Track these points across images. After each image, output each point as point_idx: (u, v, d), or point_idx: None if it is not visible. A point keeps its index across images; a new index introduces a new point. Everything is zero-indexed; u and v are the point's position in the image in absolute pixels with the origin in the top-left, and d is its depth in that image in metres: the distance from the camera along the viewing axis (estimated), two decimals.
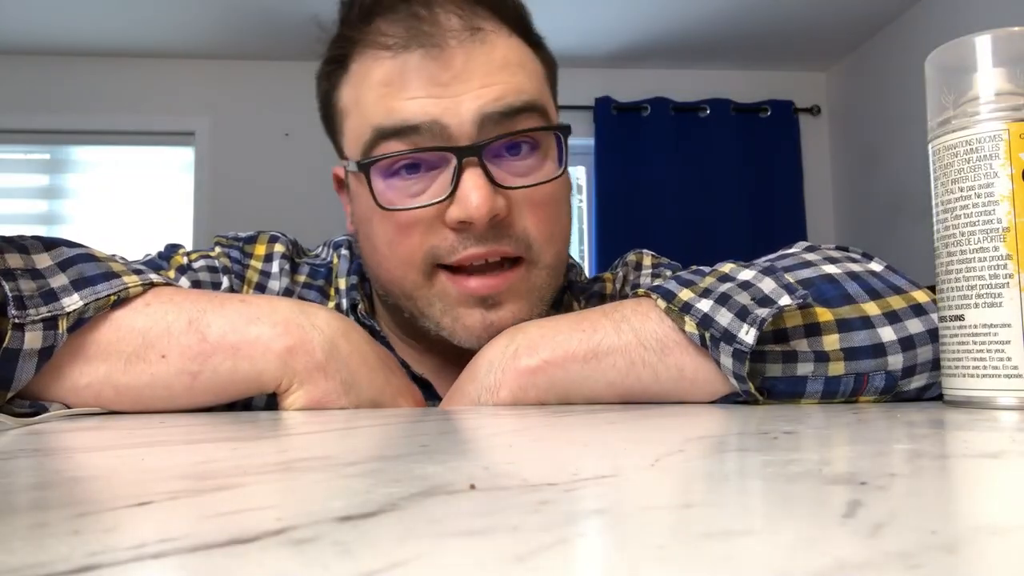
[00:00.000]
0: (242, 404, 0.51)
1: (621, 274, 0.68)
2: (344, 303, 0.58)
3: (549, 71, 0.57)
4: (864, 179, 3.07)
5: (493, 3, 0.52)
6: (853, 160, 3.15)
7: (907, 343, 0.44)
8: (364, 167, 0.51)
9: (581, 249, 3.31)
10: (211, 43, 2.88)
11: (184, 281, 0.55)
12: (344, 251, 0.61)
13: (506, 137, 0.50)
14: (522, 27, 0.55)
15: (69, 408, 0.43)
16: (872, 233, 3.02)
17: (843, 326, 0.43)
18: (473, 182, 0.48)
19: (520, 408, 0.42)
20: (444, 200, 0.49)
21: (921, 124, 0.46)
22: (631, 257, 0.69)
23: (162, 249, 0.59)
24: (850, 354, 0.43)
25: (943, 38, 0.49)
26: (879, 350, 0.43)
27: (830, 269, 0.47)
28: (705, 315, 0.43)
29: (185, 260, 0.57)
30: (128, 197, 3.10)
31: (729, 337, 0.41)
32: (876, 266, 0.51)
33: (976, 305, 0.38)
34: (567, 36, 2.88)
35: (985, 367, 0.38)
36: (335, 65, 0.55)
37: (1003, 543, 0.13)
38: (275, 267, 0.60)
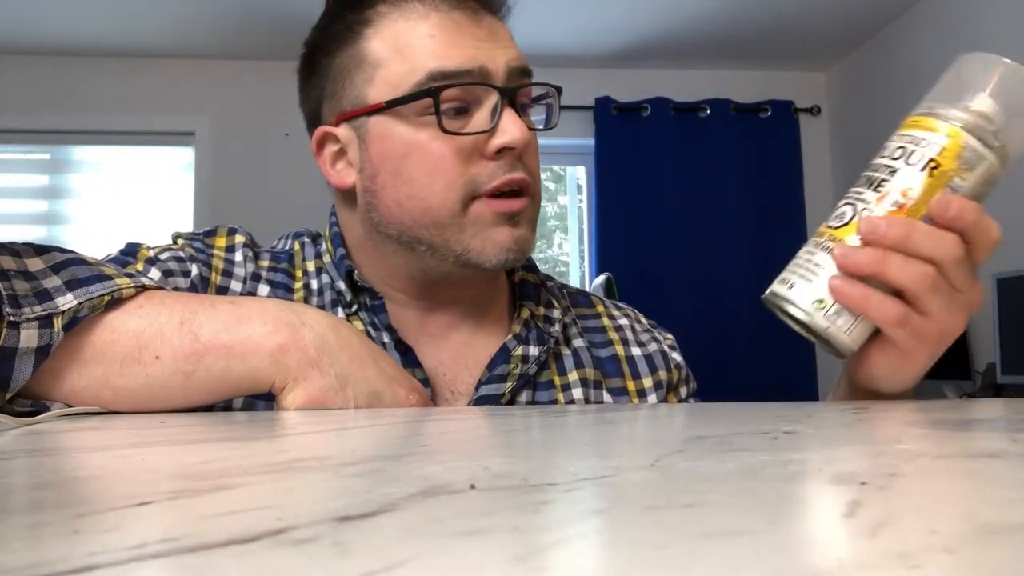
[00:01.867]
0: (244, 403, 0.52)
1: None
2: (314, 282, 0.62)
3: None
4: None
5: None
6: (853, 160, 3.15)
7: None
8: (434, 93, 0.56)
9: (581, 249, 3.31)
10: (211, 43, 2.88)
11: (154, 272, 0.56)
12: (305, 239, 0.66)
13: (534, 84, 0.60)
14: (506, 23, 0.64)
15: (69, 407, 0.43)
16: None
17: None
18: (512, 117, 0.57)
19: (520, 408, 0.42)
20: (487, 132, 0.57)
21: None
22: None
23: (122, 247, 0.60)
24: None
25: (943, 38, 0.50)
26: None
27: None
28: None
29: (151, 253, 0.58)
30: (128, 197, 3.10)
31: None
32: None
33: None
34: (567, 36, 2.88)
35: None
36: (355, 19, 0.60)
37: (1003, 543, 0.13)
38: (238, 256, 0.62)
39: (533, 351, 0.61)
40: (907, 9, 2.75)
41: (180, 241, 0.62)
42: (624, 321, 0.70)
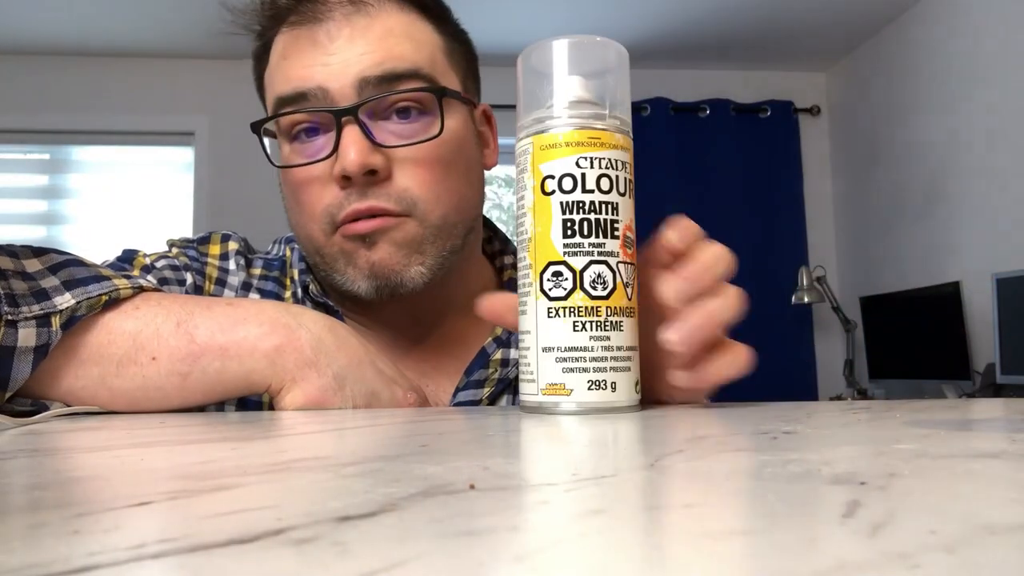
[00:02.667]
0: (239, 403, 0.52)
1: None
2: (300, 291, 0.60)
3: (454, 52, 0.60)
4: (864, 179, 3.07)
5: None
6: (853, 160, 3.15)
7: None
8: (254, 128, 0.57)
9: None
10: (211, 43, 2.88)
11: (150, 279, 0.56)
12: (295, 244, 0.63)
13: (381, 97, 0.53)
14: (419, 5, 0.57)
15: (68, 407, 0.43)
16: (871, 233, 3.03)
17: None
18: (349, 138, 0.51)
19: (520, 409, 0.42)
20: (327, 158, 0.53)
21: (921, 124, 0.46)
22: None
23: (120, 253, 0.60)
24: None
25: (943, 38, 0.49)
26: None
27: None
28: None
29: (147, 261, 0.58)
30: (128, 197, 3.10)
31: None
32: None
33: (523, 312, 0.40)
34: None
35: (524, 372, 0.40)
36: (262, 52, 0.60)
37: (1003, 543, 0.13)
38: (231, 264, 0.62)
39: (515, 354, 0.58)
40: (907, 9, 2.75)
41: (175, 249, 0.61)
42: None
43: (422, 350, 0.61)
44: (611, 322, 0.39)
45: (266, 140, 0.59)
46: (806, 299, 3.00)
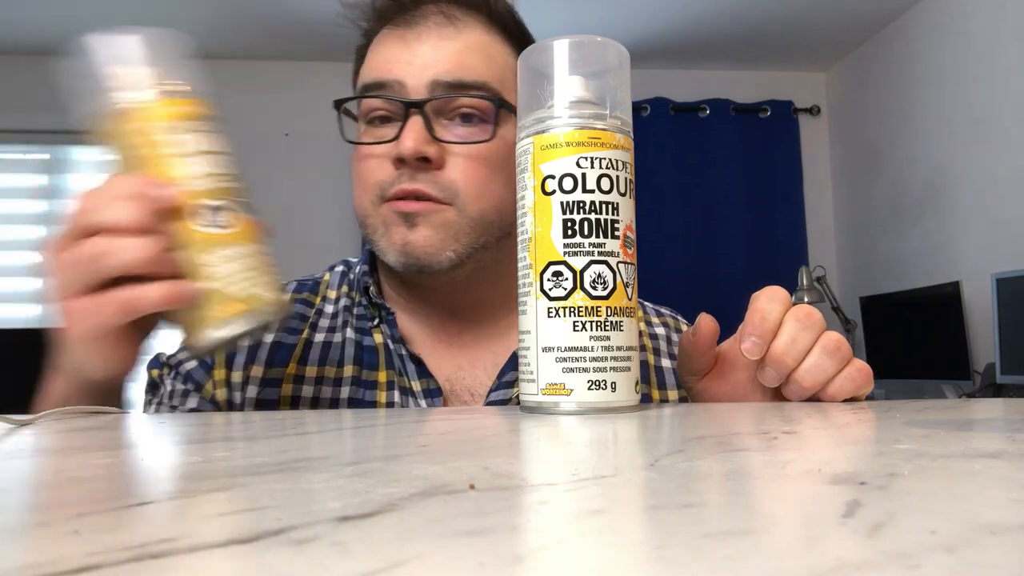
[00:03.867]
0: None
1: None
2: (328, 307, 0.67)
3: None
4: (864, 179, 3.07)
5: (472, 2, 0.63)
6: (853, 160, 3.15)
7: None
8: (337, 104, 0.63)
9: None
10: (211, 43, 2.88)
11: (191, 361, 0.64)
12: (339, 268, 0.71)
13: (444, 98, 0.60)
14: (501, 26, 0.65)
15: (68, 407, 0.43)
16: (871, 233, 3.03)
17: None
18: (411, 127, 0.58)
19: (520, 409, 0.42)
20: (390, 141, 0.59)
21: (921, 124, 0.46)
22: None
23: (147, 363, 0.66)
24: None
25: (943, 38, 0.49)
26: None
27: None
28: None
29: (168, 360, 0.65)
30: None
31: None
32: None
33: (523, 312, 0.41)
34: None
35: (524, 372, 0.40)
36: (364, 47, 0.66)
37: (1003, 543, 0.13)
38: None
39: None
40: (907, 9, 2.75)
41: None
42: (661, 330, 0.70)
43: (460, 344, 0.65)
44: (611, 322, 0.39)
45: (345, 121, 0.66)
46: (806, 299, 2.99)
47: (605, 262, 0.39)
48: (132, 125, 0.45)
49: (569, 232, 0.39)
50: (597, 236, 0.39)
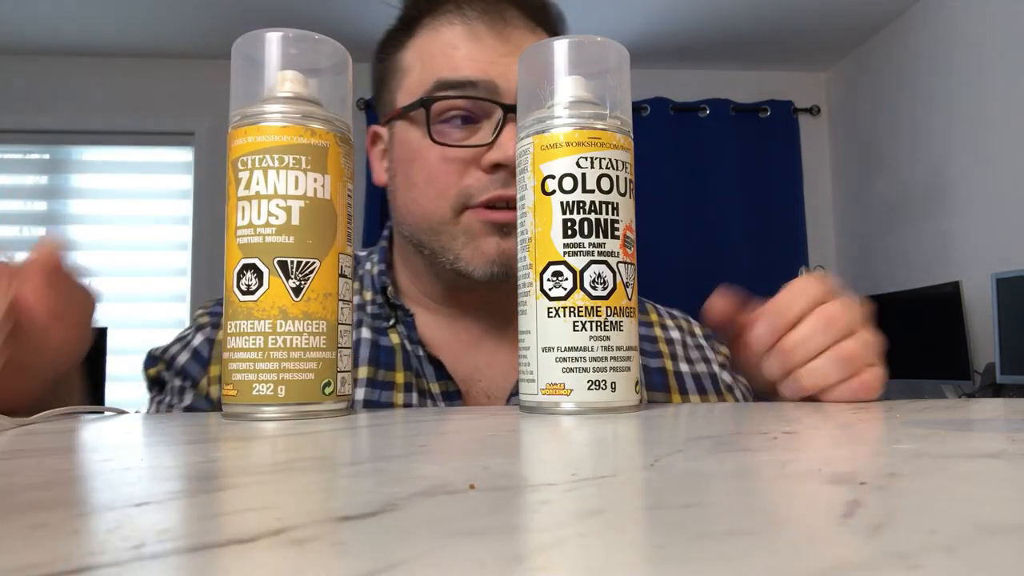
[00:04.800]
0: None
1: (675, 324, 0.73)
2: (372, 294, 0.65)
3: None
4: (863, 179, 3.07)
5: (541, 13, 0.62)
6: (853, 160, 3.15)
7: None
8: (427, 103, 0.58)
9: None
10: (211, 43, 2.88)
11: (163, 374, 0.64)
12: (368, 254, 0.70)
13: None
14: (551, 32, 0.63)
15: (68, 407, 0.43)
16: (871, 233, 3.03)
17: None
18: (511, 133, 0.56)
19: (520, 408, 0.42)
20: (486, 145, 0.57)
21: (921, 124, 0.46)
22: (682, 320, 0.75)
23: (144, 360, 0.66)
24: None
25: (943, 38, 0.49)
26: None
27: None
28: None
29: (165, 356, 0.64)
30: (128, 197, 3.10)
31: None
32: None
33: (523, 312, 0.41)
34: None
35: (524, 372, 0.40)
36: (402, 30, 0.63)
37: (1003, 543, 0.13)
38: None
39: None
40: (907, 9, 2.75)
41: (200, 310, 0.67)
42: (676, 334, 0.69)
43: (480, 347, 0.64)
44: (611, 322, 0.39)
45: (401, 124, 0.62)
46: None
47: (605, 262, 0.39)
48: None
49: (569, 232, 0.39)
50: (597, 236, 0.39)
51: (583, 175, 0.39)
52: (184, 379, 0.62)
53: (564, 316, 0.39)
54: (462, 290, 0.62)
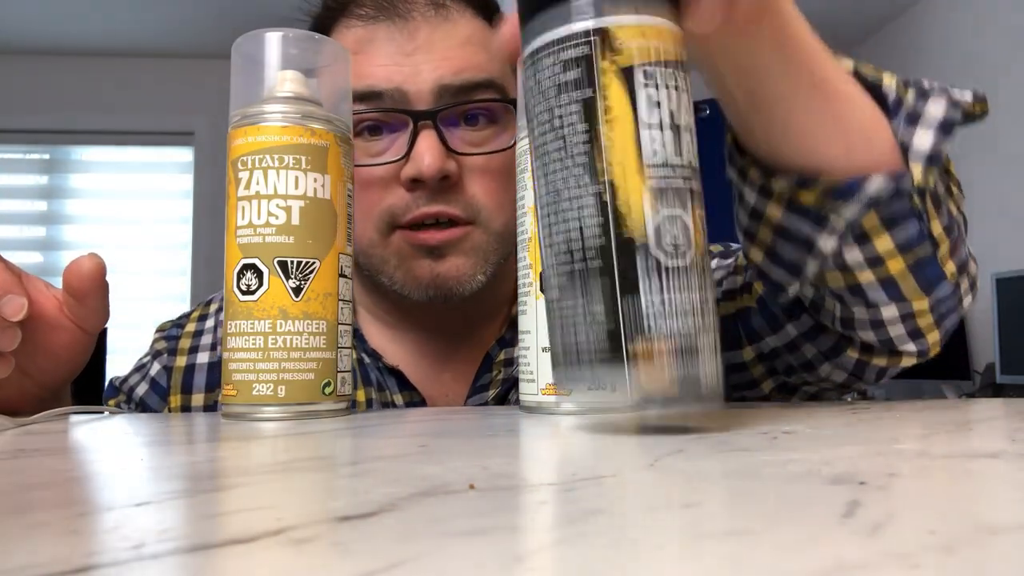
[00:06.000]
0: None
1: None
2: None
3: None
4: None
5: None
6: None
7: None
8: None
9: None
10: (211, 43, 2.88)
11: (142, 385, 0.61)
12: None
13: (460, 105, 0.52)
14: (488, 12, 0.57)
15: (69, 407, 0.43)
16: None
17: None
18: (427, 143, 0.51)
19: (520, 409, 0.42)
20: (400, 160, 0.52)
21: None
22: None
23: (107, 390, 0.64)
24: None
25: (943, 37, 0.49)
26: None
27: None
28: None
29: (124, 387, 0.62)
30: (128, 197, 3.10)
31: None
32: None
33: (523, 312, 0.41)
34: None
35: (524, 372, 0.40)
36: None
37: (1003, 543, 0.13)
38: (209, 323, 0.63)
39: (518, 351, 0.59)
40: (907, 9, 2.75)
41: (157, 334, 0.64)
42: None
43: (445, 359, 0.60)
44: None
45: None
46: None
47: None
48: None
49: None
50: None
51: None
52: (144, 411, 0.60)
53: None
54: (410, 309, 0.58)
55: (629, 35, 0.28)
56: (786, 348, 0.49)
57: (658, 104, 0.28)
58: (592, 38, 0.27)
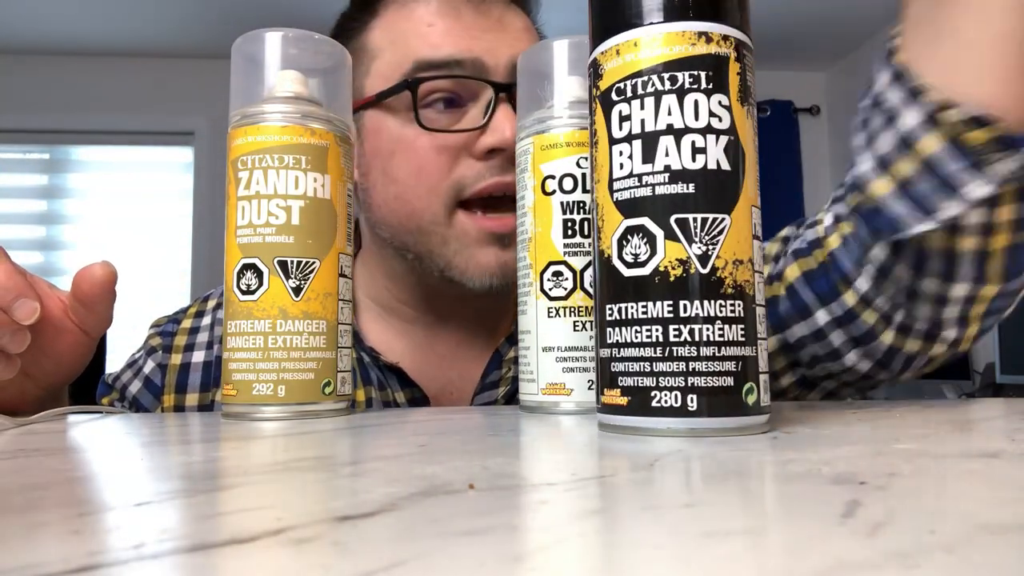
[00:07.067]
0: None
1: None
2: None
3: None
4: None
5: None
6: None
7: None
8: (412, 85, 0.52)
9: None
10: (211, 43, 2.88)
11: (136, 383, 0.61)
12: None
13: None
14: (531, 16, 0.60)
15: (69, 407, 0.44)
16: None
17: None
18: (506, 114, 0.51)
19: (520, 408, 0.42)
20: (479, 128, 0.52)
21: None
22: None
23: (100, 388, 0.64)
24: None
25: None
26: None
27: None
28: None
29: (117, 385, 0.62)
30: (128, 197, 3.10)
31: None
32: None
33: (523, 312, 0.41)
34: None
35: (524, 372, 0.40)
36: (363, 10, 0.57)
37: (1003, 543, 0.13)
38: (206, 320, 0.62)
39: None
40: None
41: (151, 331, 0.64)
42: None
43: (454, 357, 0.59)
44: None
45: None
46: None
47: None
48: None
49: (569, 232, 0.39)
50: None
51: (583, 175, 0.39)
52: (137, 410, 0.59)
53: (564, 316, 0.39)
54: (449, 298, 0.57)
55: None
56: (813, 336, 0.48)
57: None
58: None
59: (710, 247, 0.27)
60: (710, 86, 0.28)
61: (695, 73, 0.28)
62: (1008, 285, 0.41)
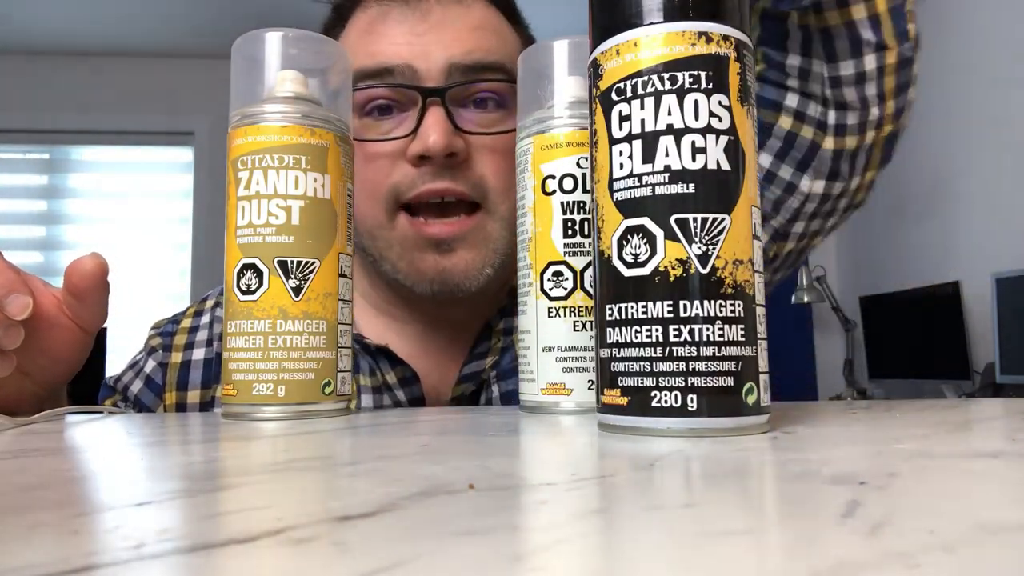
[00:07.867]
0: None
1: None
2: None
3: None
4: None
5: None
6: None
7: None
8: (354, 94, 0.53)
9: None
10: (211, 43, 2.88)
11: (137, 382, 0.61)
12: None
13: (469, 83, 0.53)
14: (502, 5, 0.58)
15: (69, 407, 0.44)
16: (871, 233, 3.03)
17: None
18: (434, 119, 0.51)
19: (520, 408, 0.42)
20: (408, 136, 0.52)
21: (921, 124, 0.48)
22: None
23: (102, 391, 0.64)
24: None
25: (942, 37, 0.51)
26: None
27: None
28: None
29: (119, 386, 0.62)
30: (128, 197, 3.10)
31: None
32: None
33: (523, 312, 0.41)
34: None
35: (524, 372, 0.40)
36: (337, 22, 0.59)
37: (1003, 543, 0.13)
38: (205, 319, 0.63)
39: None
40: None
41: (152, 332, 0.64)
42: None
43: (440, 350, 0.59)
44: None
45: None
46: (806, 299, 2.99)
47: None
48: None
49: (569, 232, 0.39)
50: None
51: (583, 175, 0.39)
52: (139, 410, 0.59)
53: (564, 316, 0.39)
54: (411, 300, 0.58)
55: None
56: (766, 180, 0.54)
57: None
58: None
59: (710, 247, 0.27)
60: (710, 86, 0.28)
61: (695, 73, 0.28)
62: (902, 49, 0.49)
